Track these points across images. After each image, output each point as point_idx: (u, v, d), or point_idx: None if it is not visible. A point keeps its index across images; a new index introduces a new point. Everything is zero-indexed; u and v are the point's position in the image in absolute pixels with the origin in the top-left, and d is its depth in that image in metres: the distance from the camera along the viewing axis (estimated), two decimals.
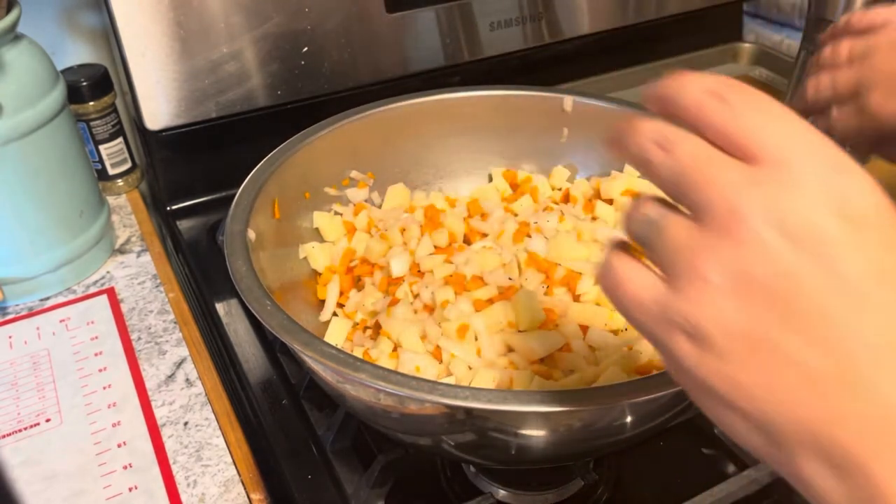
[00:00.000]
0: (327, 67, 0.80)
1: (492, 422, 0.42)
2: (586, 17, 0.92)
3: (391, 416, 0.45)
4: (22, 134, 0.63)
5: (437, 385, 0.40)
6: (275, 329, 0.44)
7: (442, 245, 0.62)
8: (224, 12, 0.73)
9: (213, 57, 0.75)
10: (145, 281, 0.72)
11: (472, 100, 0.69)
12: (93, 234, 0.72)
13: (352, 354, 0.42)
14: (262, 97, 0.79)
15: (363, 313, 0.59)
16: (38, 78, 0.64)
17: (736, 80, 0.29)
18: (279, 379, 0.61)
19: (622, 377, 0.48)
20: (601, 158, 0.69)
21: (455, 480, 0.55)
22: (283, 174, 0.59)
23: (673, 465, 0.57)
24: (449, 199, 0.69)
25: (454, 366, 0.51)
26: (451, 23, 0.85)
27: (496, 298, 0.56)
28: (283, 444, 0.56)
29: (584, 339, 0.53)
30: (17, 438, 0.57)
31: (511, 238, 0.62)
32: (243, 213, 0.54)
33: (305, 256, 0.62)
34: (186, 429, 0.58)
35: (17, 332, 0.66)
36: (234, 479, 0.54)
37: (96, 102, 0.78)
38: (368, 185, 0.68)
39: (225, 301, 0.69)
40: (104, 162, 0.82)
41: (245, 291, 0.47)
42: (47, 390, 0.60)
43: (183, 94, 0.75)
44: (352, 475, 0.54)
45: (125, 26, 0.71)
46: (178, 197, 0.82)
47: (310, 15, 0.77)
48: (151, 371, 0.62)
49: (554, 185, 0.70)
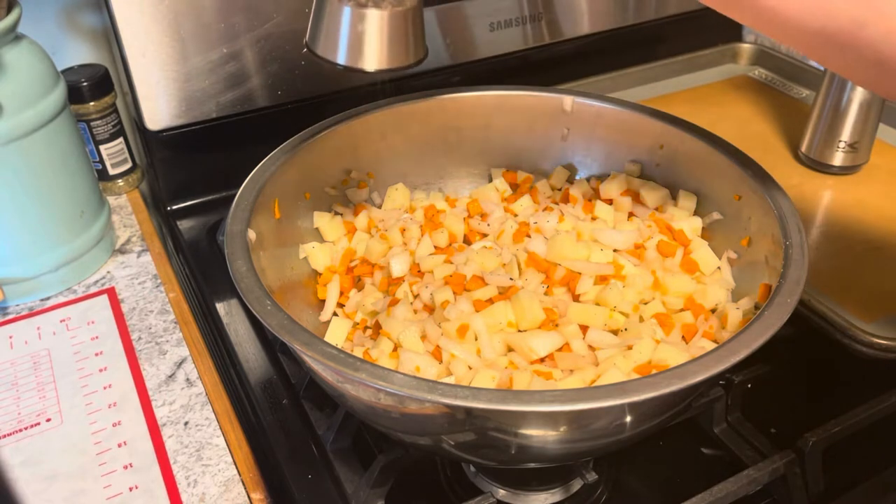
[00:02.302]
0: (327, 67, 0.79)
1: (492, 422, 0.42)
2: (586, 17, 0.92)
3: (391, 416, 0.45)
4: (22, 134, 0.63)
5: (437, 385, 0.40)
6: (275, 329, 0.44)
7: (442, 245, 0.62)
8: (224, 12, 0.73)
9: (214, 57, 0.75)
10: (146, 281, 0.72)
11: (472, 100, 0.69)
12: (93, 234, 0.72)
13: (352, 354, 0.42)
14: (262, 97, 0.79)
15: (363, 313, 0.59)
16: (39, 78, 0.64)
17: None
18: (279, 379, 0.61)
19: (622, 377, 0.48)
20: (601, 158, 0.69)
21: (455, 480, 0.55)
22: (283, 174, 0.59)
23: (673, 465, 0.57)
24: (449, 199, 0.69)
25: (454, 366, 0.51)
26: (451, 23, 0.85)
27: (496, 298, 0.56)
28: (283, 444, 0.56)
29: (584, 339, 0.53)
30: (18, 438, 0.57)
31: (511, 238, 0.62)
32: (243, 213, 0.54)
33: (305, 256, 0.62)
34: (187, 428, 0.58)
35: (18, 332, 0.66)
36: (234, 479, 0.54)
37: (96, 102, 0.78)
38: (368, 185, 0.68)
39: (225, 301, 0.69)
40: (104, 162, 0.82)
41: (245, 291, 0.47)
42: (48, 390, 0.60)
43: (183, 95, 0.75)
44: (352, 475, 0.54)
45: (125, 26, 0.71)
46: (179, 197, 0.82)
47: (310, 15, 0.77)
48: (152, 371, 0.62)
49: (554, 185, 0.70)
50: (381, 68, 0.51)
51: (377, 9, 0.49)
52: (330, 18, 0.50)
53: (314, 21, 0.51)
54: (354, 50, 0.50)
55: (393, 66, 0.51)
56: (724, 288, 0.57)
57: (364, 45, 0.50)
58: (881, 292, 0.62)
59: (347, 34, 0.50)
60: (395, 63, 0.51)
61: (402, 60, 0.51)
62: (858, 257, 0.66)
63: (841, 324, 0.57)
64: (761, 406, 0.59)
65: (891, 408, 0.56)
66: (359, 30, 0.49)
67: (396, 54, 0.51)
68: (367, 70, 0.50)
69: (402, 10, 0.50)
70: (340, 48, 0.50)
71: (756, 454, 0.55)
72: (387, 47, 0.50)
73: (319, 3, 0.51)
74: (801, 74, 0.95)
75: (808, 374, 0.63)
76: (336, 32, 0.50)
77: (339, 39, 0.50)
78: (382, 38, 0.50)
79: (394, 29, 0.50)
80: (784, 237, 0.51)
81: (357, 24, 0.49)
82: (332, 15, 0.50)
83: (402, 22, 0.50)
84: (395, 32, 0.50)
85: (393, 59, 0.51)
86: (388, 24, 0.49)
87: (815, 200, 0.75)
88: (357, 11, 0.49)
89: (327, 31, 0.51)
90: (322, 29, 0.51)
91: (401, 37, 0.50)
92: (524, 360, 0.52)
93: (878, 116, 0.75)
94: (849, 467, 0.55)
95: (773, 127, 0.86)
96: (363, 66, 0.50)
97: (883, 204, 0.73)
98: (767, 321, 0.44)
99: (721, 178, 0.60)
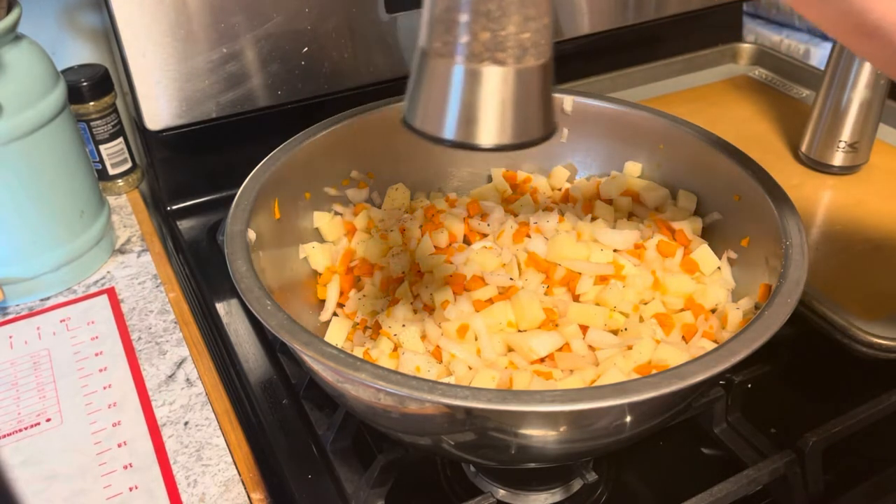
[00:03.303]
0: (327, 67, 0.80)
1: (492, 422, 0.42)
2: (586, 17, 0.92)
3: (391, 416, 0.45)
4: (22, 134, 0.63)
5: (437, 385, 0.40)
6: (275, 329, 0.44)
7: (442, 245, 0.62)
8: (224, 12, 0.73)
9: (214, 57, 0.75)
10: (145, 281, 0.72)
11: None
12: (93, 234, 0.72)
13: (352, 354, 0.42)
14: (262, 97, 0.79)
15: (363, 313, 0.59)
16: (39, 78, 0.64)
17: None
18: (279, 379, 0.61)
19: (622, 377, 0.48)
20: (601, 158, 0.69)
21: (455, 480, 0.55)
22: (283, 174, 0.59)
23: (673, 465, 0.57)
24: (449, 199, 0.69)
25: (454, 366, 0.51)
26: None
27: (496, 298, 0.56)
28: (283, 444, 0.56)
29: (584, 339, 0.53)
30: (18, 438, 0.57)
31: (511, 238, 0.62)
32: (243, 213, 0.54)
33: (305, 256, 0.62)
34: (187, 428, 0.58)
35: (18, 332, 0.66)
36: (234, 479, 0.54)
37: (96, 102, 0.78)
38: (368, 185, 0.68)
39: (225, 301, 0.69)
40: (104, 162, 0.82)
41: (245, 291, 0.47)
42: (47, 390, 0.60)
43: (183, 95, 0.75)
44: (352, 475, 0.54)
45: (125, 26, 0.71)
46: (178, 197, 0.82)
47: (310, 15, 0.77)
48: (152, 371, 0.62)
49: (554, 185, 0.70)
50: (501, 143, 0.39)
51: (498, 65, 0.37)
52: (433, 81, 0.39)
53: (413, 88, 0.40)
54: (466, 120, 0.38)
55: (515, 142, 0.39)
56: (724, 288, 0.57)
57: (479, 112, 0.38)
58: (881, 292, 0.62)
59: (459, 100, 0.38)
60: (519, 137, 0.39)
61: (527, 134, 0.39)
62: (858, 257, 0.66)
63: (841, 324, 0.57)
64: (761, 406, 0.59)
65: (891, 408, 0.56)
66: (472, 93, 0.38)
67: (520, 126, 0.39)
68: (482, 147, 0.39)
69: (530, 68, 0.38)
70: (448, 119, 0.39)
71: (756, 454, 0.55)
72: (510, 116, 0.39)
73: (421, 63, 0.39)
74: (801, 74, 0.95)
75: (808, 374, 0.63)
76: (442, 99, 0.39)
77: (445, 108, 0.39)
78: (504, 104, 0.38)
79: (519, 92, 0.38)
80: (784, 237, 0.51)
81: (470, 86, 0.38)
82: (437, 76, 0.39)
83: (529, 83, 0.39)
84: (520, 96, 0.39)
85: (516, 133, 0.39)
86: (511, 85, 0.38)
87: (815, 200, 0.75)
88: (470, 69, 0.37)
89: (429, 97, 0.39)
90: (422, 95, 0.40)
91: (527, 102, 0.39)
92: (524, 360, 0.52)
93: (878, 116, 0.75)
94: (849, 467, 0.55)
95: (773, 127, 0.86)
96: (477, 142, 0.39)
97: (883, 204, 0.73)
98: (767, 321, 0.44)
99: (721, 178, 0.60)
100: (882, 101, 0.74)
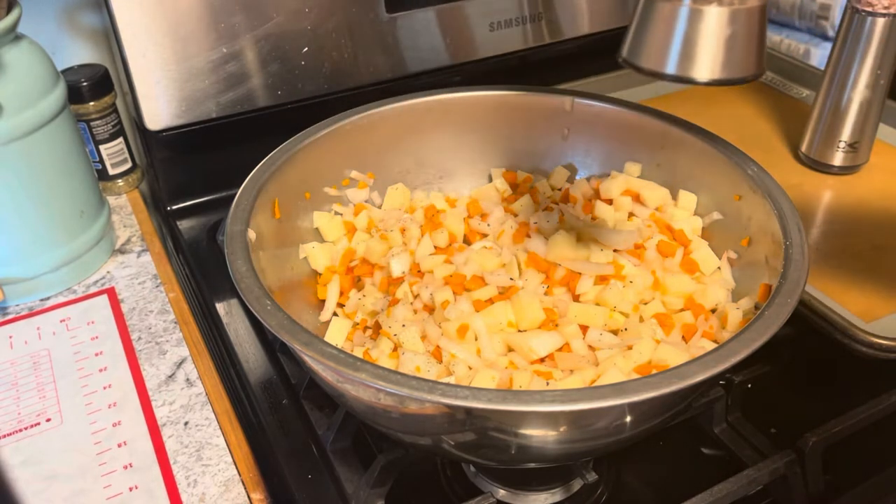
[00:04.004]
0: (327, 67, 0.80)
1: (492, 422, 0.42)
2: (586, 18, 0.92)
3: (391, 416, 0.45)
4: (22, 134, 0.63)
5: (437, 385, 0.40)
6: (275, 329, 0.44)
7: (442, 245, 0.62)
8: (224, 12, 0.73)
9: (214, 57, 0.75)
10: (145, 281, 0.72)
11: (472, 100, 0.69)
12: (93, 234, 0.72)
13: (352, 354, 0.42)
14: (262, 97, 0.79)
15: (363, 313, 0.59)
16: (39, 78, 0.64)
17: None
18: (279, 379, 0.61)
19: (622, 377, 0.48)
20: (601, 158, 0.69)
21: (455, 480, 0.55)
22: (283, 174, 0.59)
23: (673, 465, 0.57)
24: (449, 199, 0.69)
25: (454, 366, 0.51)
26: (451, 23, 0.85)
27: (496, 298, 0.56)
28: (283, 444, 0.56)
29: (584, 339, 0.53)
30: (18, 438, 0.57)
31: (511, 238, 0.62)
32: (243, 213, 0.54)
33: (305, 256, 0.62)
34: (187, 429, 0.58)
35: (18, 332, 0.66)
36: (234, 479, 0.54)
37: (96, 102, 0.78)
38: (368, 185, 0.68)
39: (225, 301, 0.69)
40: (104, 162, 0.82)
41: (245, 291, 0.47)
42: (47, 390, 0.60)
43: (183, 95, 0.75)
44: (352, 475, 0.54)
45: (125, 26, 0.71)
46: (178, 197, 0.82)
47: (310, 15, 0.77)
48: (151, 371, 0.62)
49: (554, 185, 0.70)
50: (716, 78, 0.44)
51: (719, 6, 0.42)
52: (658, 21, 0.44)
53: (637, 28, 0.45)
54: (686, 57, 0.43)
55: (730, 77, 0.44)
56: (724, 288, 0.57)
57: (698, 49, 0.43)
58: (881, 292, 0.62)
59: (681, 38, 0.43)
60: (733, 73, 0.44)
61: (740, 70, 0.44)
62: (858, 257, 0.66)
63: (841, 324, 0.57)
64: (761, 406, 0.59)
65: (891, 408, 0.56)
66: (694, 32, 0.43)
67: (735, 62, 0.44)
68: (698, 81, 0.44)
69: (747, 9, 0.43)
70: (670, 56, 0.44)
71: (756, 454, 0.55)
72: (723, 53, 0.43)
73: (646, 7, 0.44)
74: (801, 74, 0.95)
75: (808, 374, 0.63)
76: (666, 38, 0.43)
77: (669, 46, 0.44)
78: (721, 42, 0.43)
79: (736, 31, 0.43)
80: (784, 237, 0.51)
81: (693, 26, 0.43)
82: (663, 17, 0.43)
83: (746, 23, 0.43)
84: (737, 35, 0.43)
85: (730, 68, 0.44)
86: (728, 24, 0.43)
87: (815, 200, 0.75)
88: (695, 9, 0.42)
89: (654, 36, 0.44)
90: (647, 35, 0.44)
91: (742, 41, 0.43)
92: (524, 360, 0.52)
93: (878, 116, 0.75)
94: (849, 467, 0.55)
95: (773, 127, 0.86)
96: (695, 76, 0.44)
97: (883, 204, 0.73)
98: (767, 321, 0.44)
99: (721, 178, 0.60)
100: (882, 101, 0.74)
